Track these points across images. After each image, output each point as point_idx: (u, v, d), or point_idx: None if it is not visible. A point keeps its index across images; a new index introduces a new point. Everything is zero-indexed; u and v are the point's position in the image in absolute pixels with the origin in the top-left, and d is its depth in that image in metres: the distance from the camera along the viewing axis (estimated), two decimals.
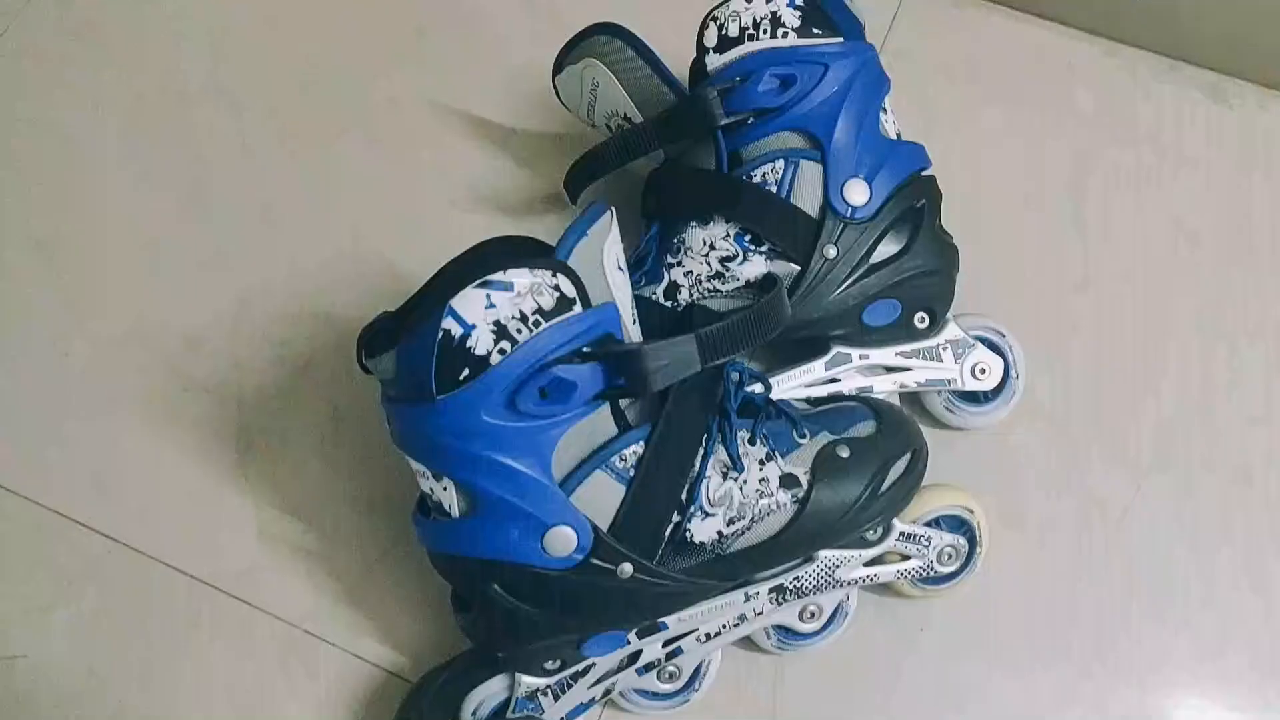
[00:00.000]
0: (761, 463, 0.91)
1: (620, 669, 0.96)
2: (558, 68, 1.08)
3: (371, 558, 1.08)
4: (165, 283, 1.20)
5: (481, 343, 0.81)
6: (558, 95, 1.10)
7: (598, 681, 0.96)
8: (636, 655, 0.96)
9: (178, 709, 1.06)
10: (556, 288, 0.82)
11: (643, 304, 1.00)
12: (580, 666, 0.95)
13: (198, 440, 1.13)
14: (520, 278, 0.81)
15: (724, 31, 1.00)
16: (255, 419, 1.14)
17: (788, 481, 0.91)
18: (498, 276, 0.81)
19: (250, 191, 1.24)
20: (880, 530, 0.97)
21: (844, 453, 0.93)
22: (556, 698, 0.96)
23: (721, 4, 1.01)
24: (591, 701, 0.98)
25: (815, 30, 1.00)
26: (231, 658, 1.07)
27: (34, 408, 1.16)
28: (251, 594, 1.08)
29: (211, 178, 1.25)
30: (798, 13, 1.00)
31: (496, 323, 0.81)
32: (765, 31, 0.99)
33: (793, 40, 0.99)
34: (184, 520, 1.11)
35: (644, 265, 1.04)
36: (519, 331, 0.81)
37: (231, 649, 1.07)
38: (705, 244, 1.01)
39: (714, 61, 1.01)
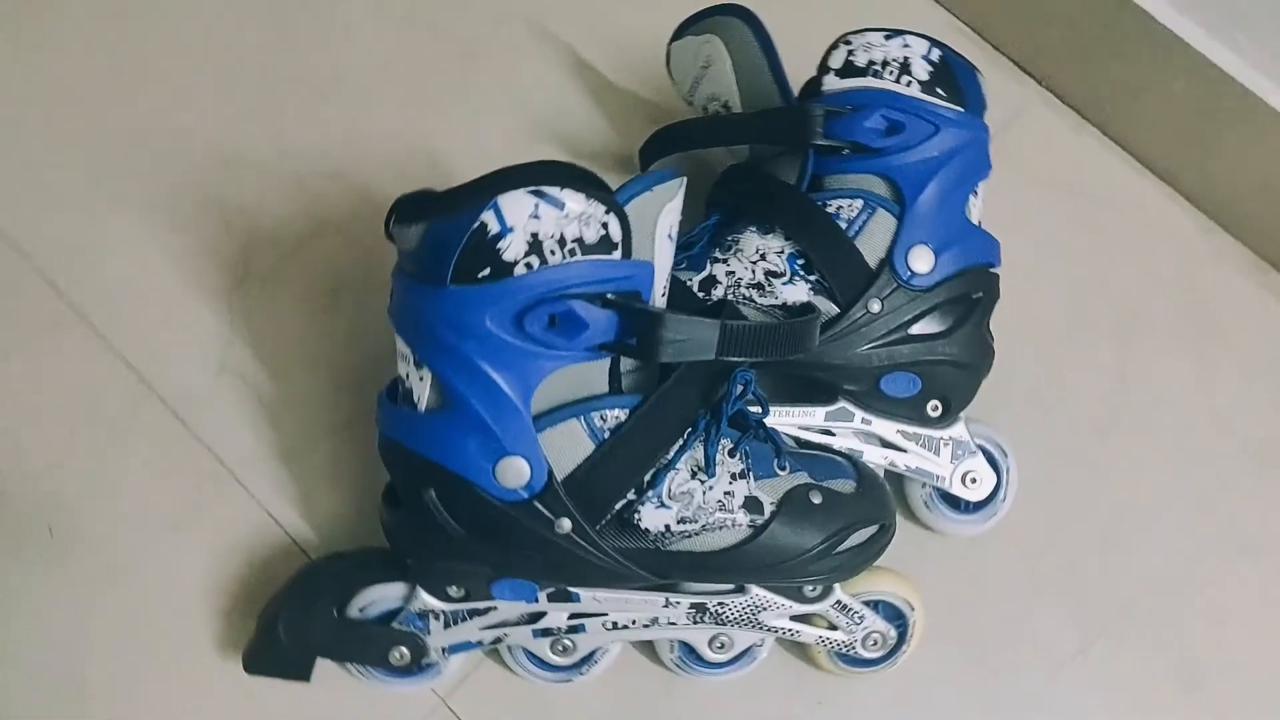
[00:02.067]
0: (734, 477, 0.89)
1: (518, 623, 0.94)
2: (678, 34, 1.06)
3: (322, 429, 1.06)
4: (225, 104, 1.18)
5: (512, 249, 0.79)
6: (667, 62, 1.08)
7: (492, 626, 0.93)
8: (539, 616, 0.93)
9: (86, 497, 1.04)
10: (605, 225, 0.80)
11: (676, 285, 0.97)
12: (481, 605, 0.92)
13: (197, 255, 1.11)
14: (574, 201, 0.79)
15: (852, 58, 0.98)
16: (259, 257, 1.12)
17: (752, 505, 0.89)
18: (552, 191, 0.79)
19: (330, 57, 1.21)
20: (820, 589, 0.94)
21: (816, 499, 0.90)
22: (447, 626, 0.93)
23: (859, 31, 1.00)
24: (479, 644, 0.95)
25: (939, 91, 0.98)
26: (152, 470, 1.05)
27: (59, 170, 1.14)
28: (193, 418, 1.06)
29: (298, 34, 1.22)
30: (929, 67, 0.98)
31: (534, 235, 0.79)
32: (891, 73, 0.97)
33: (914, 91, 0.97)
34: (156, 324, 1.09)
35: (690, 250, 1.02)
36: (553, 253, 0.79)
37: (155, 462, 1.05)
38: (758, 252, 0.99)
39: (832, 83, 0.99)
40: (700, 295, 0.99)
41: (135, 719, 1.00)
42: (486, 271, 0.79)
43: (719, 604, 0.93)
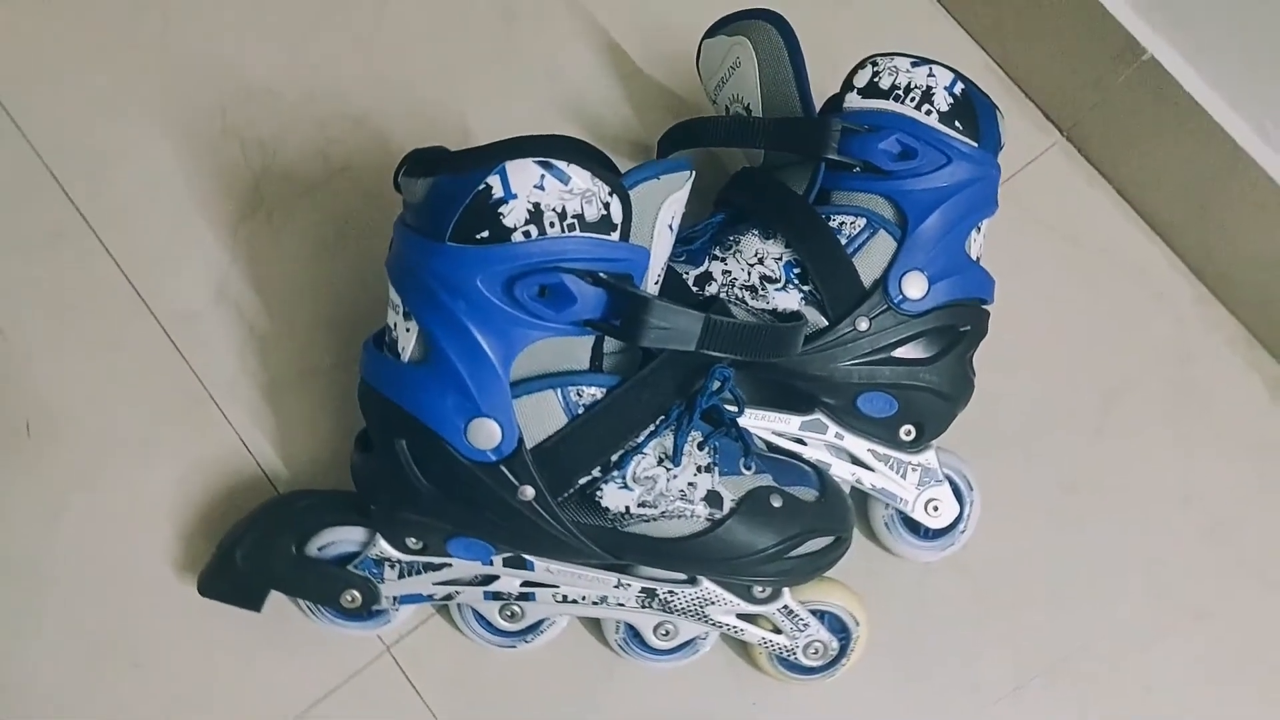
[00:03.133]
0: (699, 469, 0.90)
1: (471, 583, 0.95)
2: (712, 31, 1.07)
3: (307, 368, 1.08)
4: (261, 38, 1.19)
5: (513, 215, 0.80)
6: (697, 58, 1.09)
7: (445, 583, 0.95)
8: (492, 579, 0.95)
9: (67, 401, 1.06)
10: (607, 206, 0.81)
11: (672, 277, 0.99)
12: (437, 559, 0.93)
13: (209, 181, 1.13)
14: (579, 177, 0.81)
15: (876, 80, 1.00)
16: (271, 190, 1.13)
17: (713, 499, 0.90)
18: (560, 164, 0.80)
19: (371, 5, 1.22)
20: (769, 591, 0.96)
21: (776, 502, 0.92)
22: (401, 576, 0.94)
23: (888, 54, 1.01)
24: (430, 598, 0.96)
25: (957, 124, 0.99)
26: (135, 384, 1.07)
27: (87, 80, 1.15)
28: (182, 339, 1.08)
29: None
30: (950, 99, 0.99)
31: (536, 205, 0.80)
32: (913, 100, 0.99)
33: (932, 121, 0.98)
34: (160, 243, 1.10)
35: (690, 245, 1.03)
36: (551, 225, 0.80)
37: (139, 377, 1.07)
38: (756, 256, 1.00)
39: (853, 101, 1.00)
40: (694, 290, 1.00)
41: (86, 620, 1.02)
42: (485, 234, 0.80)
43: (669, 592, 0.95)
